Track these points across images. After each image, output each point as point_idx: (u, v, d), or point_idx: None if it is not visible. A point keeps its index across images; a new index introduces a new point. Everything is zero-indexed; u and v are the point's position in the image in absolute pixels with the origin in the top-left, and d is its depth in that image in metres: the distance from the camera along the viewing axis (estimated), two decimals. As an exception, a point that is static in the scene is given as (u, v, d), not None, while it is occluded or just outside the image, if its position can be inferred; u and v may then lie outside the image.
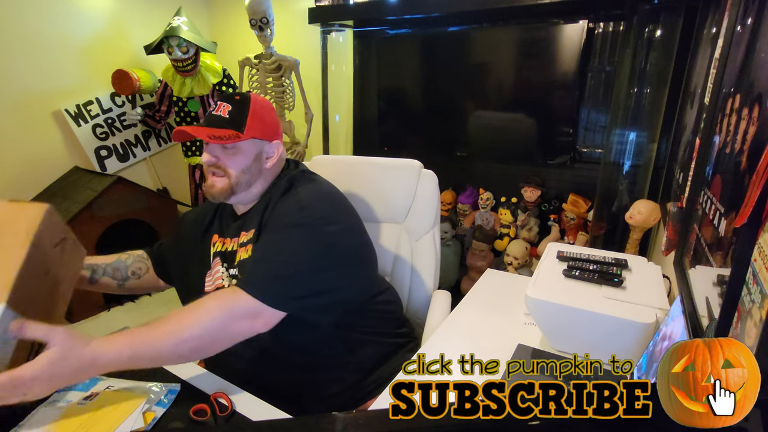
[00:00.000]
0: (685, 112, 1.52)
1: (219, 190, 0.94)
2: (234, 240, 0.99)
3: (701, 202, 0.93)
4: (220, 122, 0.92)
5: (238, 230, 0.99)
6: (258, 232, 0.94)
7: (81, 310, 2.36)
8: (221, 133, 0.90)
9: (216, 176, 0.94)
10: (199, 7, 3.05)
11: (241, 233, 0.98)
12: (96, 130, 2.59)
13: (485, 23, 2.16)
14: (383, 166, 1.33)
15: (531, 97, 2.15)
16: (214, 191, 0.94)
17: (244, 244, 0.96)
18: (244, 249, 0.95)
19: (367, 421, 0.48)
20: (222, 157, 0.93)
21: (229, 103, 0.94)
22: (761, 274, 0.55)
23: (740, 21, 0.87)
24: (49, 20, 2.37)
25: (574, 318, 0.90)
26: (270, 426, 0.66)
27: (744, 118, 0.72)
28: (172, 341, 0.76)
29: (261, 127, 0.95)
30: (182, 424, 0.77)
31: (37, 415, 0.76)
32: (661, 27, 1.68)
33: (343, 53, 2.54)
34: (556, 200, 2.22)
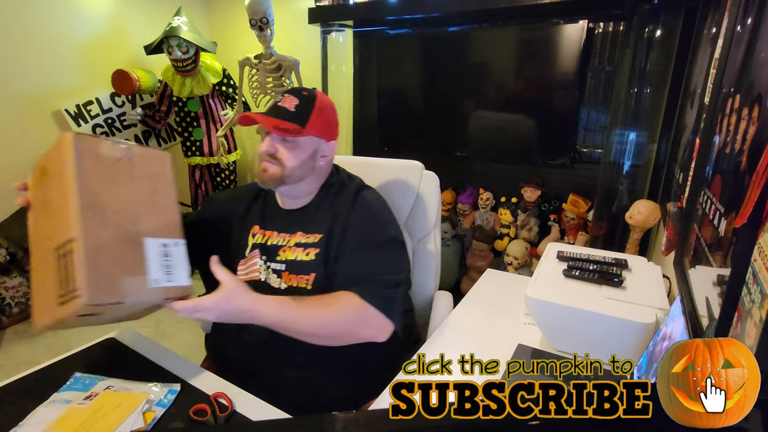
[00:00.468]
0: (685, 112, 1.52)
1: (270, 176, 0.96)
2: (282, 235, 1.00)
3: (701, 202, 0.93)
4: (285, 114, 0.95)
5: (290, 227, 1.00)
6: (328, 239, 0.96)
7: (81, 310, 2.36)
8: (285, 126, 0.93)
9: (269, 163, 0.96)
10: (199, 7, 3.05)
11: (296, 232, 0.99)
12: (96, 130, 2.58)
13: (485, 23, 2.16)
14: (384, 167, 1.33)
15: (531, 97, 2.15)
16: (265, 176, 0.96)
17: (302, 245, 0.97)
18: (301, 249, 0.97)
19: (367, 421, 0.49)
20: (281, 148, 0.96)
21: (297, 98, 0.97)
22: (761, 274, 0.55)
23: (740, 21, 0.87)
24: (50, 20, 2.37)
25: (574, 318, 0.90)
26: (270, 426, 0.66)
27: (744, 118, 0.72)
28: (312, 322, 0.85)
29: (322, 125, 0.98)
30: (182, 424, 0.77)
31: (37, 415, 0.76)
32: (661, 27, 1.69)
33: (343, 53, 2.53)
34: (556, 200, 2.22)
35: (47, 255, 0.71)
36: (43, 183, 0.75)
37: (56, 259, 0.69)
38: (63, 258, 0.69)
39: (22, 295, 2.33)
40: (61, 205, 0.70)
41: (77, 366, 0.90)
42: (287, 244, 0.99)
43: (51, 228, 0.71)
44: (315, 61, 2.57)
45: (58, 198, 0.71)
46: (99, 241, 0.69)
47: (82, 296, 0.66)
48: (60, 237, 0.69)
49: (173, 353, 0.97)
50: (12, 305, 2.29)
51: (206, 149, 2.67)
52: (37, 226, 0.75)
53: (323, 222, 0.99)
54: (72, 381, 0.85)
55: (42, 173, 0.76)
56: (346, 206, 0.99)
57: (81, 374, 0.87)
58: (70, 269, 0.68)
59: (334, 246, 0.96)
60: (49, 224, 0.72)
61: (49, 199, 0.73)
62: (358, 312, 0.87)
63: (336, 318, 0.86)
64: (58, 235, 0.70)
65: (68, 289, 0.68)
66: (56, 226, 0.71)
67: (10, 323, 2.31)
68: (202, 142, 2.66)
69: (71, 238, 0.68)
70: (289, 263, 0.97)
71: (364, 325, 0.88)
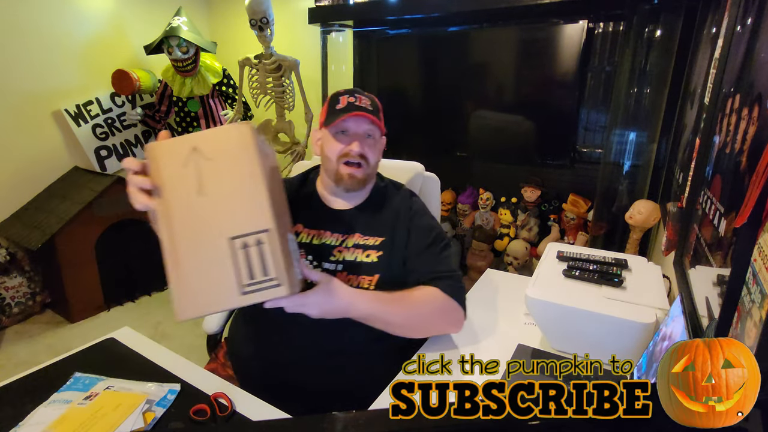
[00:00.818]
0: (685, 112, 1.52)
1: (360, 180, 0.98)
2: (336, 236, 1.00)
3: (701, 202, 0.93)
4: (369, 111, 0.97)
5: (346, 228, 1.00)
6: (391, 242, 0.99)
7: (81, 310, 2.36)
8: (375, 120, 0.96)
9: (353, 167, 0.97)
10: (199, 7, 3.05)
11: (354, 233, 0.99)
12: (96, 130, 2.59)
13: (485, 23, 2.16)
14: (385, 168, 1.33)
15: (531, 97, 2.15)
16: (354, 182, 0.98)
17: (361, 246, 0.98)
18: (360, 251, 0.98)
19: (367, 421, 0.48)
20: (366, 147, 0.97)
21: (364, 97, 0.99)
22: (761, 274, 0.55)
23: (740, 21, 0.87)
24: (50, 20, 2.37)
25: (574, 318, 0.90)
26: (270, 426, 0.66)
27: (744, 118, 0.72)
28: (405, 313, 0.90)
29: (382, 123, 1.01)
30: (182, 424, 0.77)
31: (37, 415, 0.76)
32: (661, 27, 1.68)
33: (343, 53, 2.54)
34: (556, 200, 2.22)
35: (213, 240, 0.69)
36: (201, 166, 0.70)
37: (233, 248, 0.68)
38: (249, 248, 0.68)
39: (22, 295, 2.33)
40: (242, 197, 0.69)
41: (77, 366, 0.90)
42: (344, 245, 0.99)
43: (218, 216, 0.69)
44: (315, 61, 2.57)
45: (232, 189, 0.69)
46: (280, 233, 0.70)
47: (284, 286, 0.68)
48: (242, 227, 0.68)
49: (173, 353, 0.97)
50: (12, 305, 2.29)
51: (206, 149, 2.67)
52: (184, 210, 0.70)
53: (383, 224, 1.01)
54: (72, 381, 0.85)
55: (196, 156, 0.71)
56: (404, 209, 1.03)
57: (81, 374, 0.87)
58: (267, 259, 0.68)
59: (398, 248, 0.99)
60: (214, 213, 0.69)
61: (212, 186, 0.69)
62: (444, 305, 0.93)
63: (426, 310, 0.93)
64: (239, 224, 0.68)
65: (261, 278, 0.68)
66: (230, 216, 0.69)
67: (10, 323, 2.31)
68: (202, 142, 2.66)
69: (265, 229, 0.68)
70: (347, 264, 0.97)
71: (449, 317, 0.95)
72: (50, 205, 2.31)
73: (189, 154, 0.69)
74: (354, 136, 0.97)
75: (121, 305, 2.52)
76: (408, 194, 1.08)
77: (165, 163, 0.70)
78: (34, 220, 2.25)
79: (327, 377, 0.97)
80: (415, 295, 0.93)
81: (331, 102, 1.03)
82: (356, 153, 0.96)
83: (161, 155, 0.70)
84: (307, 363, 0.96)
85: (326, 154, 1.00)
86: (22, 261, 2.35)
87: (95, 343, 1.00)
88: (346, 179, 0.98)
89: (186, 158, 0.69)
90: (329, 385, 0.97)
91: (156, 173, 0.70)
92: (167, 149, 0.70)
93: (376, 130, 1.00)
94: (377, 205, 1.04)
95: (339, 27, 2.45)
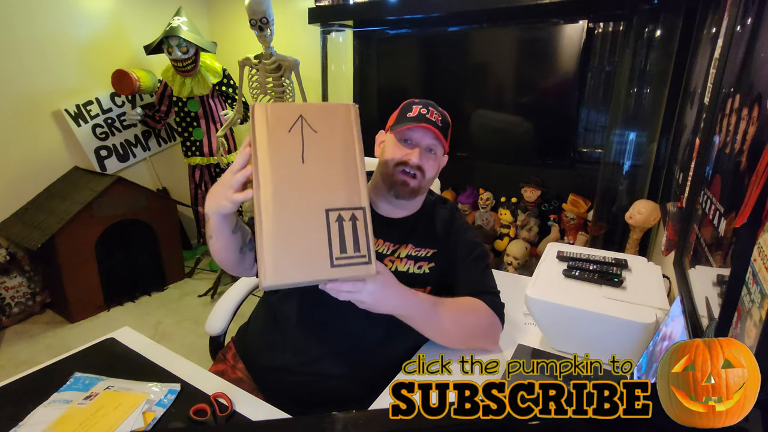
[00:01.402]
0: (685, 112, 1.52)
1: (411, 190, 0.97)
2: (387, 245, 1.00)
3: (701, 202, 0.93)
4: (438, 126, 0.97)
5: (398, 238, 1.01)
6: (443, 254, 1.01)
7: (81, 310, 2.36)
8: (440, 136, 0.97)
9: (408, 176, 0.97)
10: (199, 7, 3.05)
11: (407, 244, 1.00)
12: (96, 130, 2.59)
13: (485, 23, 2.16)
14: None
15: (531, 97, 2.15)
16: (406, 190, 0.97)
17: (413, 258, 0.99)
18: (412, 262, 0.99)
19: (367, 421, 0.48)
20: (424, 160, 0.98)
21: (437, 112, 1.00)
22: (761, 274, 0.55)
23: (740, 21, 0.87)
24: (50, 20, 2.37)
25: (574, 318, 0.90)
26: (270, 426, 0.66)
27: (744, 118, 0.72)
28: (453, 320, 0.92)
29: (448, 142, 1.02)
30: (182, 424, 0.77)
31: (37, 415, 0.76)
32: (661, 27, 1.68)
33: (343, 53, 2.53)
34: (556, 200, 2.22)
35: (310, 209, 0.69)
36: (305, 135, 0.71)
37: (329, 221, 0.69)
38: (343, 222, 0.69)
39: (22, 295, 2.33)
40: (341, 172, 0.71)
41: (77, 366, 0.90)
42: (396, 255, 0.99)
43: (316, 187, 0.70)
44: (315, 61, 2.57)
45: (332, 163, 0.71)
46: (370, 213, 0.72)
47: (371, 264, 0.70)
48: (338, 201, 0.70)
49: (173, 353, 0.97)
50: (12, 305, 2.29)
51: (206, 149, 2.67)
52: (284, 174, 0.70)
53: (435, 237, 1.02)
54: (72, 381, 0.85)
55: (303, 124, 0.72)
56: (451, 221, 1.05)
57: (81, 374, 0.87)
58: (360, 235, 0.69)
59: (448, 263, 1.01)
60: (313, 182, 0.70)
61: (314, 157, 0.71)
62: (489, 318, 0.95)
63: (471, 320, 0.95)
64: (335, 198, 0.70)
65: (352, 254, 0.69)
66: (328, 188, 0.71)
67: (10, 323, 2.31)
68: (202, 142, 2.66)
69: (361, 207, 0.70)
70: (400, 275, 0.96)
71: (489, 331, 0.97)
72: (50, 205, 2.31)
73: (296, 120, 0.71)
74: (416, 147, 0.98)
75: (121, 305, 2.52)
76: (453, 207, 1.11)
77: (272, 126, 0.70)
78: (34, 220, 2.25)
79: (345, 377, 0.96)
80: (462, 303, 0.95)
81: (403, 108, 1.03)
82: (414, 163, 0.96)
83: (270, 116, 0.70)
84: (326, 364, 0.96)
85: (385, 158, 1.00)
86: (22, 261, 2.35)
87: (95, 343, 1.00)
88: (399, 186, 0.97)
89: (293, 124, 0.71)
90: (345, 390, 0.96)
91: (260, 134, 0.70)
92: (276, 112, 0.71)
93: (438, 147, 0.99)
94: (428, 217, 1.05)
95: (339, 27, 2.45)
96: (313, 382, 0.96)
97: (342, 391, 0.96)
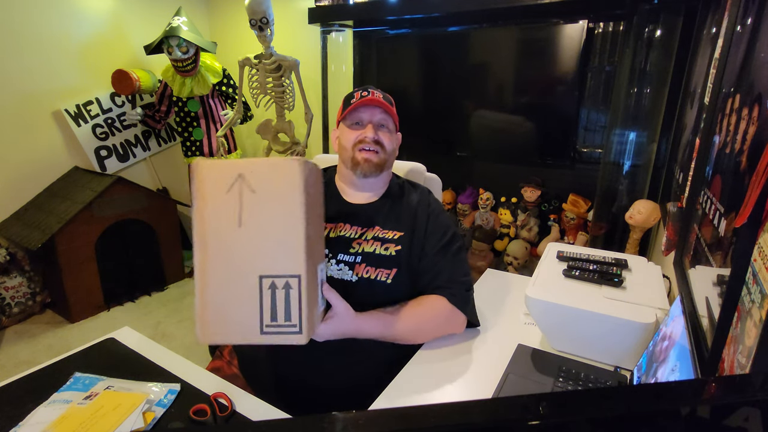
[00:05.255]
0: (685, 112, 1.52)
1: (375, 164, 1.01)
2: (355, 228, 1.02)
3: (701, 202, 0.93)
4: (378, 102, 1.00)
5: (365, 221, 1.03)
6: (410, 238, 1.01)
7: (81, 310, 2.36)
8: (388, 108, 1.00)
9: (370, 153, 1.00)
10: (199, 7, 3.05)
11: (374, 227, 1.02)
12: (96, 130, 2.59)
13: (485, 23, 2.16)
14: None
15: (531, 97, 2.15)
16: (369, 166, 1.00)
17: (380, 239, 1.01)
18: (379, 243, 1.00)
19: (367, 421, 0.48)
20: (381, 134, 1.01)
21: (376, 91, 1.03)
22: (761, 274, 0.55)
23: (740, 21, 0.87)
24: (50, 20, 2.37)
25: (574, 318, 0.90)
26: (270, 426, 0.66)
27: (744, 118, 0.72)
28: (411, 328, 0.95)
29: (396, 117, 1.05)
30: (182, 424, 0.77)
31: (37, 415, 0.76)
32: (661, 27, 1.68)
33: (343, 53, 2.54)
34: (556, 200, 2.22)
35: (244, 274, 0.68)
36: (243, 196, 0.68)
37: (262, 287, 0.67)
38: (275, 290, 0.67)
39: (22, 295, 2.33)
40: (278, 236, 0.67)
41: (77, 366, 0.90)
42: (363, 238, 1.01)
43: (252, 251, 0.67)
44: (315, 61, 2.57)
45: (271, 226, 0.67)
46: (309, 278, 0.69)
47: (303, 334, 0.67)
48: (272, 268, 0.67)
49: (173, 353, 0.97)
50: (12, 305, 2.29)
51: (206, 149, 2.67)
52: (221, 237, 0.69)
53: (402, 220, 1.04)
54: (72, 381, 0.85)
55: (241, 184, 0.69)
56: (423, 207, 1.06)
57: (81, 374, 0.87)
58: (292, 305, 0.67)
59: (416, 245, 1.02)
60: (249, 246, 0.68)
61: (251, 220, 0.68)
62: (449, 315, 0.99)
63: (433, 323, 0.99)
64: (270, 264, 0.67)
65: (282, 323, 0.67)
66: (263, 254, 0.67)
67: (10, 323, 2.31)
68: (202, 142, 2.66)
69: (297, 275, 0.67)
70: (366, 255, 0.99)
71: (452, 324, 1.01)
72: (50, 205, 2.31)
73: (235, 181, 0.68)
74: (368, 124, 1.02)
75: (121, 305, 2.52)
76: (426, 192, 1.11)
77: (209, 186, 0.68)
78: (34, 220, 2.25)
79: (335, 375, 0.97)
80: (420, 309, 0.97)
81: (345, 99, 1.06)
82: (371, 138, 1.00)
83: (207, 176, 0.68)
84: (317, 361, 0.97)
85: (343, 145, 1.04)
86: (22, 261, 2.35)
87: (95, 343, 1.00)
88: (363, 164, 1.00)
89: (231, 184, 0.68)
90: (337, 382, 0.98)
91: (199, 193, 0.68)
92: (214, 170, 0.69)
93: (389, 121, 1.03)
94: (396, 200, 1.07)
95: (339, 27, 2.45)
96: (308, 380, 0.97)
97: (337, 389, 0.97)
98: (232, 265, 0.68)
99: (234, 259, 0.68)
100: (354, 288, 0.96)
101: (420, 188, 1.12)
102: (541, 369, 0.91)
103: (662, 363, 0.70)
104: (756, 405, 0.45)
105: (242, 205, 0.68)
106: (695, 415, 0.42)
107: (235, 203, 0.67)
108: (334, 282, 0.97)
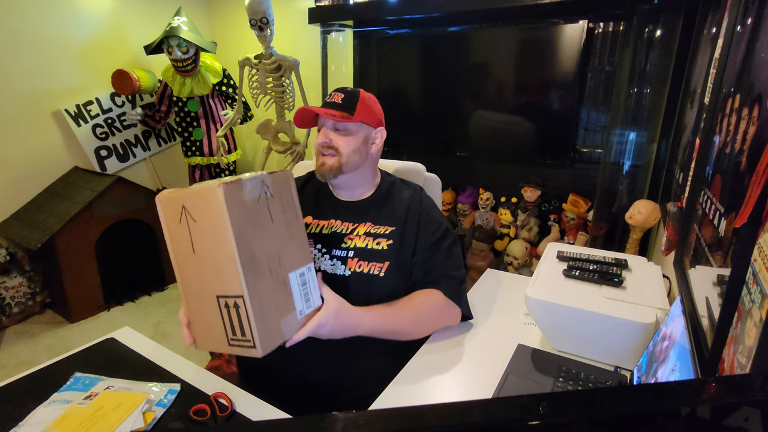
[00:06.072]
0: (685, 112, 1.52)
1: (329, 168, 1.02)
2: (346, 224, 1.04)
3: (701, 202, 0.93)
4: (334, 106, 1.02)
5: (356, 217, 1.05)
6: (402, 233, 1.03)
7: (81, 310, 2.36)
8: (336, 113, 1.01)
9: (327, 156, 1.02)
10: (199, 7, 3.05)
11: (366, 222, 1.04)
12: (96, 130, 2.59)
13: (485, 23, 2.16)
14: (387, 168, 1.33)
15: (531, 97, 2.15)
16: (324, 169, 1.02)
17: (371, 235, 1.03)
18: (371, 239, 1.02)
19: (367, 421, 0.48)
20: (335, 137, 1.02)
21: (342, 93, 1.04)
22: (761, 274, 0.55)
23: (740, 21, 0.87)
24: (50, 20, 2.37)
25: (574, 318, 0.90)
26: (270, 426, 0.66)
27: (744, 118, 0.72)
28: (409, 322, 0.97)
29: (369, 113, 1.05)
30: (182, 424, 0.77)
31: (37, 415, 0.76)
32: (661, 27, 1.68)
33: (343, 53, 2.53)
34: (556, 200, 2.22)
35: (206, 294, 0.73)
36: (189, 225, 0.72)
37: (220, 306, 0.72)
38: (230, 308, 0.72)
39: (22, 295, 2.33)
40: (220, 260, 0.70)
41: (77, 366, 0.90)
42: (354, 233, 1.03)
43: (206, 274, 0.72)
44: (315, 61, 2.57)
45: (213, 251, 0.71)
46: (260, 294, 0.71)
47: (257, 348, 0.71)
48: (223, 289, 0.71)
49: (173, 353, 0.97)
50: (12, 305, 2.30)
51: (206, 149, 2.67)
52: (185, 262, 0.75)
53: (394, 216, 1.05)
54: (72, 381, 0.85)
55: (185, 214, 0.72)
56: (414, 203, 1.08)
57: (81, 374, 0.87)
58: (243, 322, 0.71)
59: (408, 240, 1.03)
60: (204, 271, 0.73)
61: (199, 246, 0.72)
62: (444, 308, 1.01)
63: (429, 316, 1.00)
64: (220, 286, 0.71)
65: (240, 337, 0.72)
66: (214, 276, 0.72)
67: (10, 323, 2.31)
68: (202, 142, 2.66)
69: (238, 296, 0.70)
70: (359, 250, 1.01)
71: (448, 317, 1.03)
72: (50, 205, 2.31)
73: (181, 212, 0.73)
74: (322, 129, 1.04)
75: (121, 305, 2.52)
76: (418, 189, 1.13)
77: (167, 217, 0.75)
78: (34, 220, 2.25)
79: (333, 373, 0.98)
80: (417, 303, 0.98)
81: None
82: (318, 143, 1.02)
83: (164, 208, 0.75)
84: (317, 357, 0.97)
85: None
86: (22, 261, 2.35)
87: (95, 343, 1.00)
88: (318, 167, 1.03)
89: (180, 215, 0.73)
90: (334, 381, 0.98)
91: (163, 224, 0.76)
92: (166, 203, 0.74)
93: (349, 124, 1.02)
94: (386, 197, 1.09)
95: (339, 27, 2.45)
96: (308, 377, 0.97)
97: (337, 387, 0.97)
98: (196, 286, 0.75)
99: (197, 281, 0.75)
100: (347, 282, 0.98)
101: (412, 185, 1.14)
102: (541, 369, 0.91)
103: (662, 363, 0.70)
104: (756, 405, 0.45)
105: (191, 233, 0.73)
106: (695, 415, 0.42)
107: (186, 232, 0.73)
108: (327, 277, 1.00)
